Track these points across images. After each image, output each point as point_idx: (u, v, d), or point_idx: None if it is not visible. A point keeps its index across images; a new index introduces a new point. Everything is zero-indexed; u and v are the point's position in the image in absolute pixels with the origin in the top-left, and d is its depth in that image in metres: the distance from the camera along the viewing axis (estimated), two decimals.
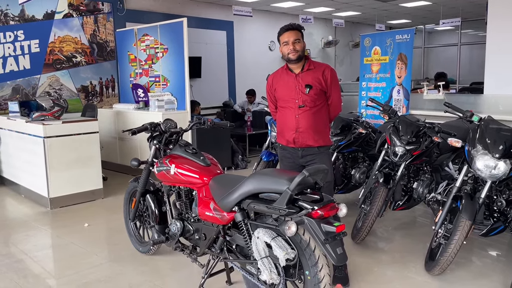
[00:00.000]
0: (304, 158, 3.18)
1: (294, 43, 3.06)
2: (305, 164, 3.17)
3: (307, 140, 3.13)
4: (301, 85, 3.11)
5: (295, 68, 3.16)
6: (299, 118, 3.11)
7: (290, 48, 3.07)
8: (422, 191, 3.92)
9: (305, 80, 3.11)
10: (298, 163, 3.21)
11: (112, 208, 5.08)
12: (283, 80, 3.21)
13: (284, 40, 3.10)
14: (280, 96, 3.23)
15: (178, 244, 3.18)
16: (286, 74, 3.20)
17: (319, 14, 11.38)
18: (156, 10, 8.55)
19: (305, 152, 3.16)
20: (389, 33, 6.48)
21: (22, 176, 5.67)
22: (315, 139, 3.13)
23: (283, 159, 3.33)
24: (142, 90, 6.96)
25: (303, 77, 3.12)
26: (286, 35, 3.09)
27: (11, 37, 6.64)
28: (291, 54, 3.08)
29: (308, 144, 3.14)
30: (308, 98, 3.10)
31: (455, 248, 3.02)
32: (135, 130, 3.26)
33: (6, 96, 6.64)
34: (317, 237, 2.18)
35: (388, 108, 4.05)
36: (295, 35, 3.08)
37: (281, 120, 3.26)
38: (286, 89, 3.18)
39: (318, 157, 3.15)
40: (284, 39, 3.10)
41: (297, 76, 3.14)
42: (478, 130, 3.17)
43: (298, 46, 3.07)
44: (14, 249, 3.96)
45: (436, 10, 11.18)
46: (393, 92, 6.32)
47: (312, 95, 3.10)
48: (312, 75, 3.13)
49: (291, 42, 3.07)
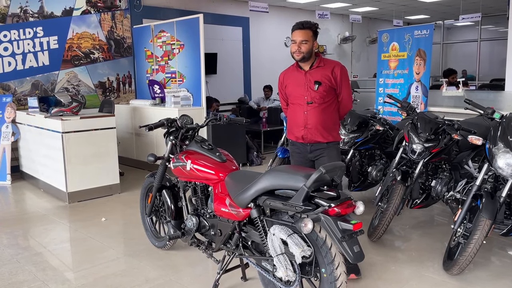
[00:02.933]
0: (313, 153, 3.24)
1: (301, 43, 3.08)
2: (314, 159, 3.25)
3: (316, 136, 3.17)
4: (310, 81, 3.14)
5: (304, 65, 3.20)
6: (308, 115, 3.16)
7: (295, 48, 3.11)
8: (440, 189, 3.85)
9: (314, 77, 3.15)
10: (308, 158, 3.27)
11: (129, 203, 5.12)
12: (293, 77, 3.25)
13: (293, 39, 3.14)
14: (290, 93, 3.28)
15: (193, 240, 3.19)
16: (296, 71, 3.24)
17: (335, 9, 11.27)
18: (173, 6, 8.58)
19: (313, 147, 3.22)
20: (408, 29, 6.37)
21: (41, 171, 5.76)
22: (323, 136, 3.17)
23: (293, 154, 3.39)
24: (159, 86, 7.01)
25: (312, 74, 3.16)
26: (295, 34, 3.13)
27: (31, 34, 6.74)
28: (295, 54, 3.13)
29: (317, 140, 3.18)
30: (317, 94, 3.13)
31: (474, 247, 2.96)
32: (151, 126, 3.28)
33: (25, 91, 6.75)
34: (334, 234, 2.16)
35: (406, 105, 3.98)
36: (304, 35, 3.09)
37: (290, 116, 3.32)
38: (296, 86, 3.22)
39: (326, 151, 3.19)
40: (293, 37, 3.14)
41: (307, 73, 3.18)
42: (500, 128, 3.09)
43: (304, 47, 3.08)
44: (33, 242, 4.03)
45: (455, 5, 10.96)
46: (411, 89, 6.22)
47: (321, 92, 3.12)
48: (321, 72, 3.15)
49: (298, 42, 3.10)
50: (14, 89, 6.64)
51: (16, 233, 4.27)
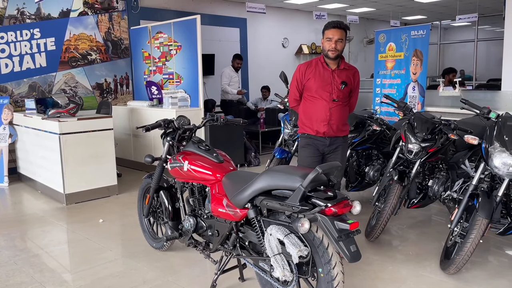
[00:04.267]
0: (330, 146, 3.45)
1: (337, 42, 3.22)
2: (329, 153, 3.47)
3: (336, 132, 3.42)
4: (337, 81, 3.31)
5: (331, 64, 3.34)
6: (333, 111, 3.36)
7: (332, 46, 3.23)
8: (437, 189, 3.87)
9: (341, 77, 3.33)
10: (322, 151, 3.47)
11: (127, 204, 5.12)
12: (319, 72, 3.36)
13: (328, 36, 3.25)
14: (313, 87, 3.38)
15: (191, 241, 3.19)
16: (322, 67, 3.36)
17: (333, 10, 11.29)
18: (170, 7, 8.58)
19: (332, 141, 3.45)
20: (404, 29, 6.38)
21: (38, 172, 5.75)
22: (342, 130, 3.47)
23: (305, 147, 3.50)
24: (156, 87, 7.00)
25: (339, 74, 3.33)
26: (332, 32, 3.24)
27: (28, 35, 6.73)
28: (331, 52, 3.25)
29: (337, 135, 3.44)
30: (341, 94, 3.33)
31: (471, 246, 2.97)
32: (148, 127, 3.28)
33: (22, 93, 6.74)
34: (331, 234, 2.17)
35: (403, 105, 3.99)
36: (340, 34, 3.23)
37: (311, 110, 3.43)
38: (321, 81, 3.34)
39: (341, 146, 3.49)
40: (329, 35, 3.25)
41: (333, 71, 3.32)
42: (496, 127, 3.11)
43: (340, 45, 3.25)
44: (30, 244, 4.02)
45: (452, 6, 10.98)
46: (408, 89, 6.24)
47: (345, 92, 3.35)
48: (346, 73, 3.36)
49: (334, 40, 3.22)
50: (11, 91, 6.63)
51: (14, 235, 4.26)
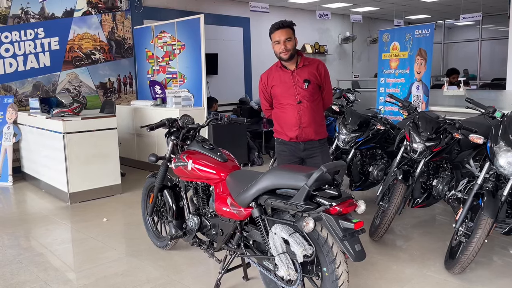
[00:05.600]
0: (306, 151, 3.28)
1: (285, 42, 3.10)
2: (307, 157, 3.29)
3: (310, 135, 3.24)
4: (299, 81, 3.17)
5: (289, 65, 3.21)
6: (301, 114, 3.19)
7: (281, 48, 3.11)
8: (442, 188, 3.85)
9: (302, 75, 3.17)
10: (299, 156, 3.30)
11: (130, 203, 5.13)
12: (279, 77, 3.24)
13: (275, 39, 3.13)
14: (278, 94, 3.26)
15: (195, 240, 3.19)
16: (282, 71, 3.24)
17: (336, 10, 11.27)
18: (173, 7, 8.59)
19: (307, 145, 3.28)
20: (408, 28, 6.37)
21: (42, 171, 5.77)
22: (316, 133, 3.26)
23: (281, 153, 3.40)
24: (160, 86, 7.01)
25: (299, 73, 3.18)
26: (277, 34, 3.12)
27: (32, 35, 6.75)
28: (283, 53, 3.13)
29: (310, 138, 3.26)
30: (307, 93, 3.17)
31: (476, 246, 2.96)
32: (153, 126, 3.28)
33: (27, 92, 6.76)
34: (335, 233, 2.16)
35: (407, 104, 3.98)
36: (286, 33, 3.11)
37: (281, 117, 3.31)
38: (284, 86, 3.22)
39: (319, 149, 3.30)
40: (275, 38, 3.13)
41: (293, 72, 3.19)
42: (501, 126, 3.09)
43: (289, 44, 3.11)
44: (34, 243, 4.03)
45: (456, 5, 10.95)
46: (412, 88, 6.22)
47: (311, 90, 3.18)
48: (307, 70, 3.19)
49: (282, 41, 3.10)
50: (16, 90, 6.65)
51: (18, 233, 4.27)
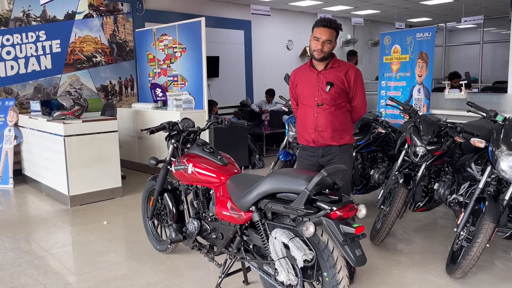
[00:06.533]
0: (324, 157, 3.10)
1: (324, 42, 2.95)
2: (325, 164, 3.10)
3: (327, 140, 3.05)
4: (322, 82, 3.03)
5: (318, 65, 3.07)
6: (318, 117, 3.04)
7: (318, 47, 2.96)
8: (443, 192, 3.83)
9: (327, 77, 3.03)
10: (318, 163, 3.13)
11: (131, 206, 5.12)
12: (305, 76, 3.14)
13: (316, 35, 2.98)
14: (300, 93, 3.16)
15: (195, 243, 3.18)
16: (309, 70, 3.12)
17: (337, 12, 11.27)
18: (175, 9, 8.60)
19: (326, 151, 3.09)
20: (410, 31, 6.36)
21: (43, 174, 5.77)
22: (335, 139, 3.05)
23: (301, 159, 3.25)
24: (161, 89, 7.01)
25: (325, 74, 3.04)
26: (320, 31, 2.97)
27: (33, 37, 6.76)
28: (317, 53, 2.98)
29: (328, 144, 3.06)
30: (328, 96, 3.02)
31: (477, 251, 2.94)
32: (153, 129, 3.28)
33: (28, 95, 6.77)
34: (336, 238, 2.14)
35: (408, 107, 3.97)
36: (329, 34, 2.96)
37: (300, 118, 3.20)
38: (307, 86, 3.10)
39: (339, 156, 3.07)
40: (317, 34, 2.98)
41: (319, 73, 3.06)
42: (503, 130, 3.08)
43: (327, 47, 2.96)
44: (35, 246, 4.03)
45: (458, 8, 10.95)
46: (413, 91, 6.21)
47: (333, 94, 3.01)
48: (334, 73, 3.04)
49: (321, 41, 2.95)
50: (17, 93, 6.66)
51: (18, 236, 4.27)
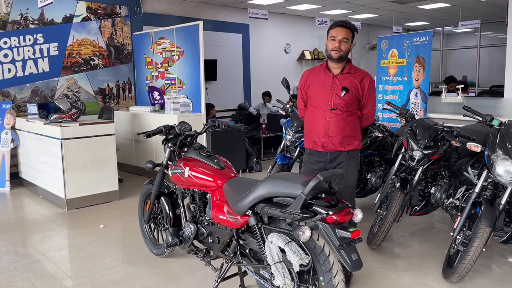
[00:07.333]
0: (332, 162, 3.08)
1: (341, 41, 2.94)
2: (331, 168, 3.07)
3: (336, 146, 3.03)
4: (338, 87, 2.99)
5: (334, 68, 3.05)
6: (330, 122, 3.01)
7: (335, 45, 2.95)
8: (440, 196, 3.84)
9: (343, 82, 3.00)
10: (325, 168, 3.08)
11: (128, 210, 5.11)
12: (319, 78, 3.09)
13: (332, 35, 2.98)
14: (312, 95, 3.12)
15: (191, 247, 3.18)
16: (324, 73, 3.08)
17: (335, 16, 11.30)
18: (173, 13, 8.61)
19: (333, 156, 3.07)
20: (407, 36, 6.39)
21: (40, 177, 5.75)
22: (344, 144, 3.04)
23: (307, 164, 3.21)
24: (158, 92, 7.01)
25: (341, 79, 3.01)
26: (336, 31, 2.97)
27: (31, 40, 6.76)
28: (334, 52, 2.96)
29: (337, 149, 3.05)
30: (342, 101, 2.99)
31: (474, 255, 2.95)
32: (149, 133, 3.28)
33: (25, 98, 6.76)
34: (332, 242, 2.14)
35: (405, 111, 3.98)
36: (346, 33, 2.96)
37: (310, 121, 3.15)
38: (321, 89, 3.06)
39: (346, 162, 3.06)
40: (333, 33, 2.98)
41: (335, 77, 3.03)
42: (499, 135, 3.09)
43: (344, 46, 2.96)
44: (31, 249, 4.01)
45: (455, 12, 11.00)
46: (410, 95, 6.23)
47: (347, 100, 2.99)
48: (350, 79, 3.02)
49: (338, 40, 2.94)
50: (14, 96, 6.65)
51: (14, 240, 4.25)
